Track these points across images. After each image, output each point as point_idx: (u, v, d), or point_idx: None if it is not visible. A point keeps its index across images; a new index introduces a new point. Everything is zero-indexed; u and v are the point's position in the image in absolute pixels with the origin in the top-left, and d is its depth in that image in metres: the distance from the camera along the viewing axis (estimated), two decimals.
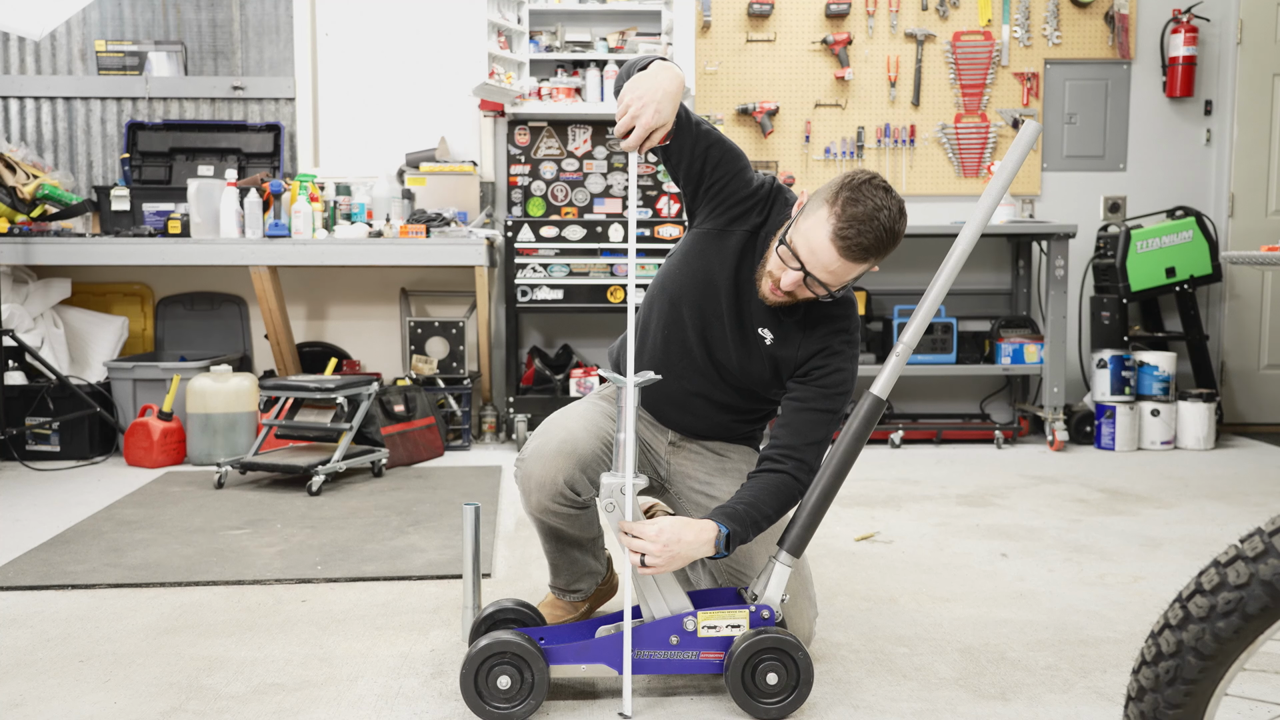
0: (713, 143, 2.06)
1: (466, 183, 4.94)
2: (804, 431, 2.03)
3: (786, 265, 1.94)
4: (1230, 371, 5.36)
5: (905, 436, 4.83)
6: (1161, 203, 5.23)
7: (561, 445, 2.05)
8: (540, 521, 2.17)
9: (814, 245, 1.89)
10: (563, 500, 2.06)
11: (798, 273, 1.93)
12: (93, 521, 3.36)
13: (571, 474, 2.04)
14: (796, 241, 1.92)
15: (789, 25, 5.16)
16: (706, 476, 2.21)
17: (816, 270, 1.91)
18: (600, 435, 2.11)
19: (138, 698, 2.02)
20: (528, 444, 2.11)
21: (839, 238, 1.87)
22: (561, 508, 2.08)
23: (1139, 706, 1.15)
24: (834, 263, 1.90)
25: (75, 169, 5.13)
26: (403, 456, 4.33)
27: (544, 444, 2.07)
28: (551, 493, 2.05)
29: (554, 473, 2.04)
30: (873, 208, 1.87)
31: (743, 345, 2.10)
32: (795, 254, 1.92)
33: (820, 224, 1.89)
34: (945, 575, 2.82)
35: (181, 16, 5.10)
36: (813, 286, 1.94)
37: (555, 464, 2.04)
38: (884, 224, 1.88)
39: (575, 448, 2.06)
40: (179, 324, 5.14)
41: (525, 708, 1.88)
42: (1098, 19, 5.21)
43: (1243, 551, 1.08)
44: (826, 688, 2.05)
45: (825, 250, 1.89)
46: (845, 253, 1.88)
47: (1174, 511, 3.56)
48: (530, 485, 2.07)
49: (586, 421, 2.12)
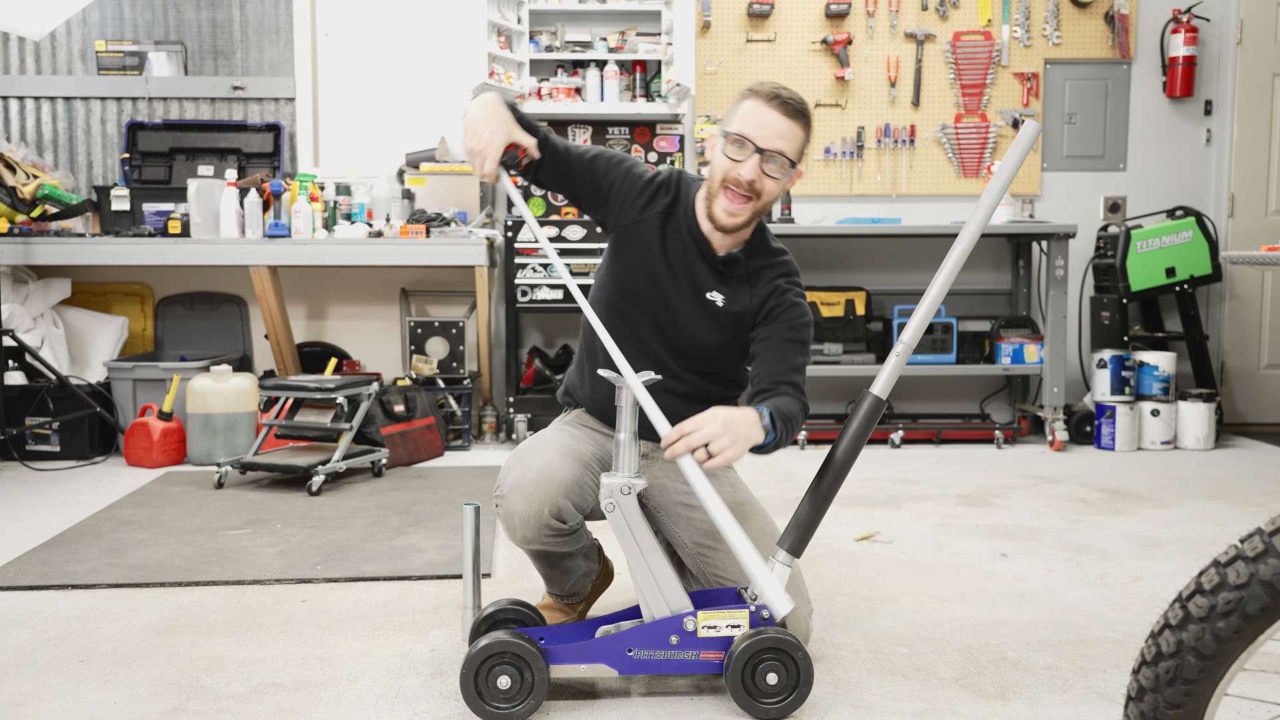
0: (595, 154, 2.17)
1: (466, 183, 4.95)
2: (785, 358, 2.10)
3: (739, 157, 2.04)
4: (1230, 371, 5.36)
5: (905, 436, 4.83)
6: (1161, 203, 5.23)
7: (540, 475, 2.00)
8: (529, 550, 2.14)
9: (753, 119, 2.03)
10: (550, 531, 2.01)
11: (754, 156, 2.03)
12: (93, 521, 3.36)
13: (556, 503, 1.99)
14: (738, 127, 2.04)
15: (789, 25, 5.16)
16: (685, 484, 2.16)
17: (770, 139, 2.02)
18: (576, 458, 2.08)
19: (138, 698, 2.02)
20: (504, 478, 2.05)
21: (774, 100, 2.03)
22: (550, 538, 2.03)
23: (1139, 706, 1.15)
24: (779, 122, 2.03)
25: (75, 169, 5.13)
26: (403, 456, 4.33)
27: (522, 476, 2.00)
28: (538, 527, 2.00)
29: (538, 505, 1.98)
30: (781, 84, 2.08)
31: (701, 316, 2.14)
32: (744, 137, 2.03)
33: (752, 106, 2.04)
34: (945, 575, 2.82)
35: (181, 16, 5.10)
36: (766, 168, 2.04)
37: (538, 496, 1.99)
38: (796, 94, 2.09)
39: (554, 475, 2.01)
40: (179, 324, 5.14)
41: (525, 708, 1.88)
42: (1098, 19, 5.21)
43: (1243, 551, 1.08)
44: (826, 688, 2.05)
45: (764, 114, 2.03)
46: (783, 108, 2.03)
47: (1174, 511, 3.56)
48: (514, 523, 2.00)
49: (559, 447, 2.09)
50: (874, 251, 5.22)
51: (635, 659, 1.93)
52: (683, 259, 2.15)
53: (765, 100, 2.03)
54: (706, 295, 2.14)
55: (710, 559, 2.12)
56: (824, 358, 4.87)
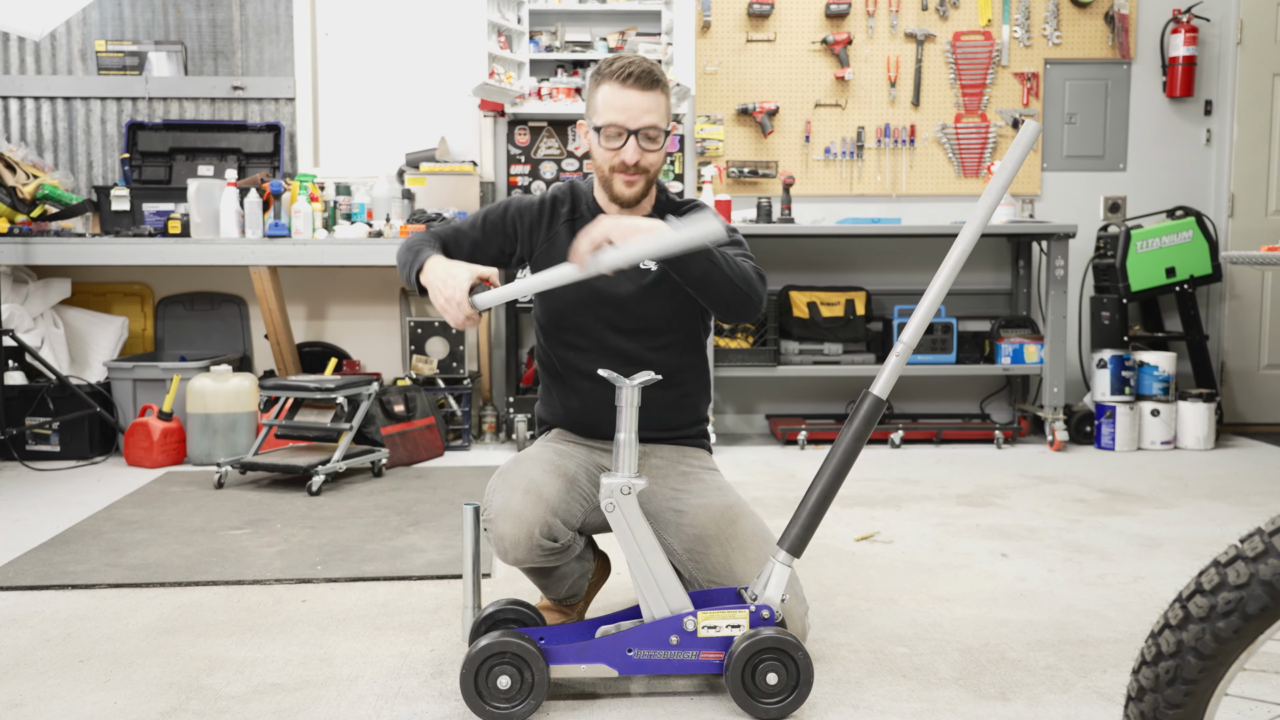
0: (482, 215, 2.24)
1: (466, 183, 4.94)
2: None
3: (615, 145, 2.08)
4: (1230, 371, 5.36)
5: (905, 436, 4.83)
6: (1161, 203, 5.23)
7: (527, 495, 2.00)
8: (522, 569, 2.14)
9: (619, 103, 2.06)
10: (542, 551, 2.01)
11: (628, 137, 2.07)
12: (93, 521, 3.36)
13: (546, 522, 1.99)
14: (605, 117, 2.08)
15: (789, 25, 5.16)
16: (672, 490, 2.19)
17: (636, 118, 2.06)
18: (561, 473, 2.09)
19: (138, 698, 2.02)
20: (490, 501, 2.04)
21: (621, 79, 2.06)
22: (542, 557, 2.03)
23: (1139, 706, 1.15)
24: (640, 99, 2.06)
25: (75, 169, 5.13)
26: (403, 456, 4.33)
27: (509, 499, 2.00)
28: (529, 548, 2.00)
29: (528, 527, 1.98)
30: (626, 54, 2.11)
31: (644, 292, 2.16)
32: (613, 124, 2.07)
33: (608, 91, 2.07)
34: (945, 575, 2.82)
35: (181, 16, 5.10)
36: (644, 144, 2.08)
37: (527, 517, 1.98)
38: (641, 56, 2.11)
39: (541, 493, 2.01)
40: (179, 324, 5.14)
41: (525, 708, 1.88)
42: (1098, 19, 5.21)
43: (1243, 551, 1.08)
44: (826, 688, 2.05)
45: (624, 96, 2.06)
46: (638, 84, 2.06)
47: (1174, 511, 3.56)
48: (505, 546, 2.00)
49: (543, 464, 2.09)
50: (874, 251, 5.22)
51: (635, 659, 1.93)
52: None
53: (620, 81, 2.06)
54: (639, 266, 2.16)
55: (702, 563, 2.11)
56: (824, 358, 4.87)
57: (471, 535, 2.10)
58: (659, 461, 2.24)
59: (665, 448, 2.26)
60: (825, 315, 4.89)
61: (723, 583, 2.08)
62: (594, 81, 2.11)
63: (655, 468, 2.23)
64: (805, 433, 4.76)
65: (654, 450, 2.25)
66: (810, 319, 4.88)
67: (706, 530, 2.11)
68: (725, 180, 5.17)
